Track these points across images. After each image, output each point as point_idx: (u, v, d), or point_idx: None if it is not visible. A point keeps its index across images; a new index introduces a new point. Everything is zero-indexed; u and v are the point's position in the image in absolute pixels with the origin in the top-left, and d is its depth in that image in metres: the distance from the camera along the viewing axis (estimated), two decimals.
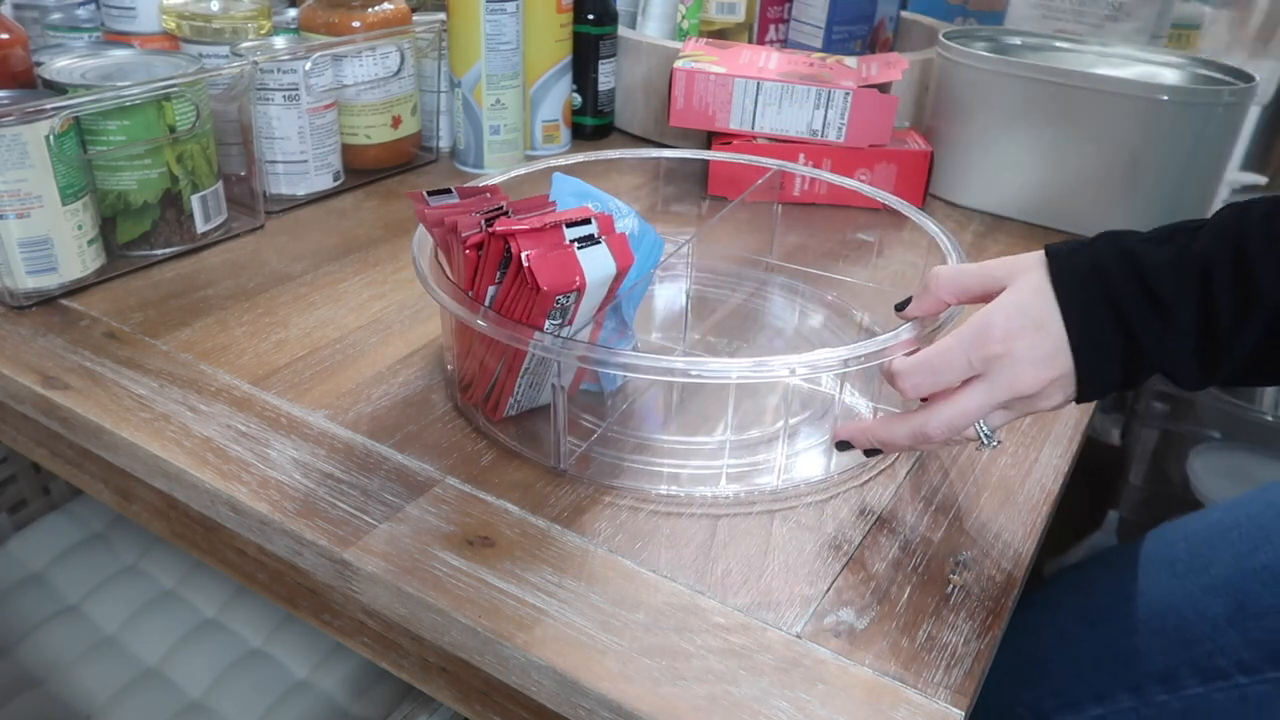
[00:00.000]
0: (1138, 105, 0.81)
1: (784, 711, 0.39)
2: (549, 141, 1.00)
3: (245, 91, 0.75)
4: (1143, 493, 1.18)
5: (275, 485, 0.50)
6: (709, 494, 0.51)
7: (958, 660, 0.42)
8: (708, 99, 0.87)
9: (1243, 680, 0.55)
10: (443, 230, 0.52)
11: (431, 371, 0.60)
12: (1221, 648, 0.56)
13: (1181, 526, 0.66)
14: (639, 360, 0.47)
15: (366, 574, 0.45)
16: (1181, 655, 0.58)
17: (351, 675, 0.78)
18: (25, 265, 0.63)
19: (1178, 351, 0.43)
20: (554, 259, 0.47)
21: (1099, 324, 0.44)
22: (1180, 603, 0.59)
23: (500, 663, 0.42)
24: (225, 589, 0.86)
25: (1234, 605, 0.57)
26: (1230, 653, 0.56)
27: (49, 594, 0.86)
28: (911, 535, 0.49)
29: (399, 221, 0.82)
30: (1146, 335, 0.43)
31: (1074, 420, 0.60)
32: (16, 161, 0.60)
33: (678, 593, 0.45)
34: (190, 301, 0.67)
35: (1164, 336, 0.43)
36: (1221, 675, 0.56)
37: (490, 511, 0.49)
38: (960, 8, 1.21)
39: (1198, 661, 0.57)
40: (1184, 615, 0.59)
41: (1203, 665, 0.56)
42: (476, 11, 0.87)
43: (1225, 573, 0.59)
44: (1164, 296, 0.42)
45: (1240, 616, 0.56)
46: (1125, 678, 0.59)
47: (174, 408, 0.55)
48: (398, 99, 0.88)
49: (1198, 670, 0.57)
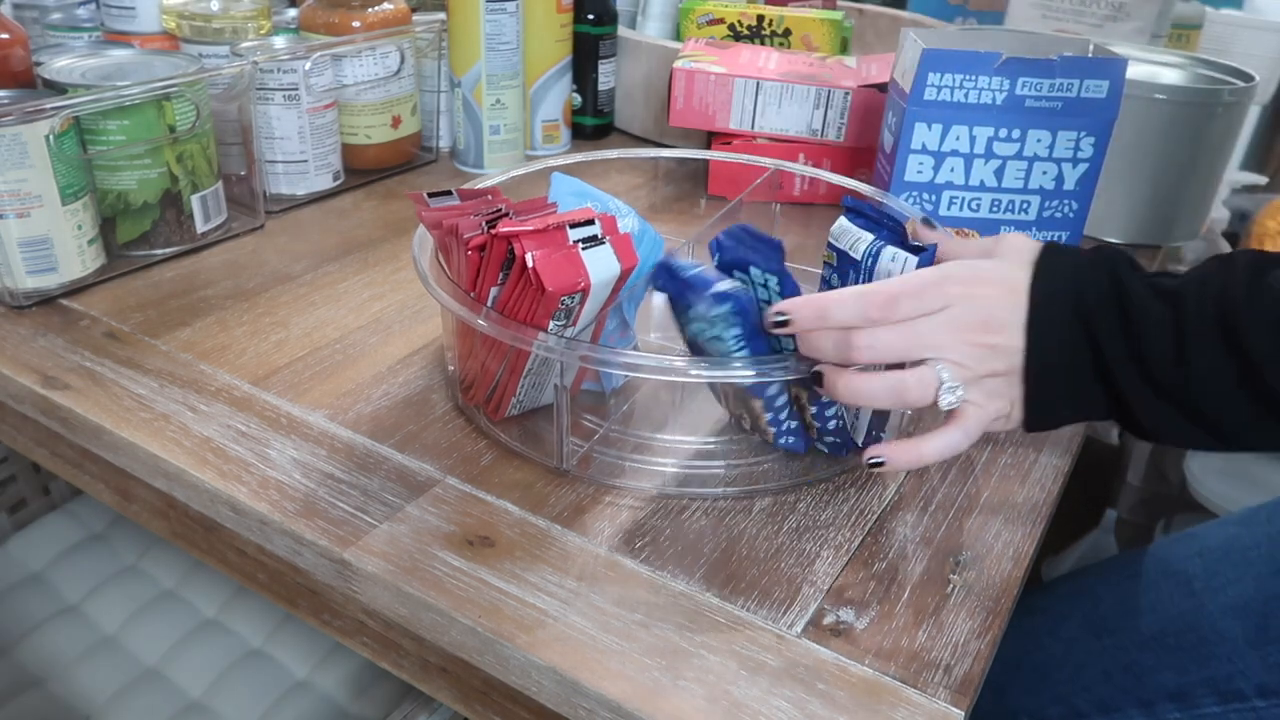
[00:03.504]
0: (1138, 105, 0.81)
1: (784, 711, 0.39)
2: (549, 141, 1.00)
3: (245, 91, 0.75)
4: (1141, 492, 1.18)
5: (275, 485, 0.50)
6: (709, 494, 0.51)
7: (958, 660, 0.42)
8: (708, 99, 0.87)
9: (1260, 704, 0.54)
10: (442, 232, 0.52)
11: (432, 371, 0.60)
12: (1241, 670, 0.55)
13: (1194, 540, 0.65)
14: (641, 360, 0.47)
15: (366, 574, 0.45)
16: (1197, 674, 0.57)
17: (351, 675, 0.79)
18: (25, 265, 0.63)
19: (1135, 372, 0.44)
20: (558, 260, 0.47)
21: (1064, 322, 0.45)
22: (1197, 620, 0.59)
23: (500, 663, 0.42)
24: (225, 589, 0.86)
25: (1255, 628, 0.56)
26: (1251, 675, 0.55)
27: (49, 594, 0.86)
28: (911, 535, 0.49)
29: (399, 221, 0.82)
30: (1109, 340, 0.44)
31: None
32: (16, 161, 0.60)
33: (678, 592, 0.45)
34: (190, 301, 0.67)
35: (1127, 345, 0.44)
36: (1239, 697, 0.55)
37: (490, 511, 0.49)
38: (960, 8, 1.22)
39: (1216, 682, 0.56)
40: (1201, 634, 0.58)
41: (1221, 686, 0.56)
42: (476, 11, 0.87)
43: (1246, 594, 0.58)
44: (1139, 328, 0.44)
45: (1262, 639, 0.56)
46: (1135, 692, 0.59)
47: (174, 408, 0.55)
48: (398, 99, 0.89)
49: (1215, 690, 0.56)
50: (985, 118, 0.68)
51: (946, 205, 0.72)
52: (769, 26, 1.03)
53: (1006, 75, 0.66)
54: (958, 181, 0.71)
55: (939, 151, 0.70)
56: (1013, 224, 0.73)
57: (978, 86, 0.67)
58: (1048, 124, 0.68)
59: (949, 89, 0.67)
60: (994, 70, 0.66)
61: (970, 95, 0.67)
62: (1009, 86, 0.67)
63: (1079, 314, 0.45)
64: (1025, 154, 0.69)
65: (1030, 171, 0.70)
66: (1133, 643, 0.61)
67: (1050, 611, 0.67)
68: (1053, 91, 0.67)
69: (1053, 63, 0.66)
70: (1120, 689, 0.59)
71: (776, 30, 1.03)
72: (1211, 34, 1.29)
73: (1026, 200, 0.71)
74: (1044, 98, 0.67)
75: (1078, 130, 0.68)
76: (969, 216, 0.72)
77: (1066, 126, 0.68)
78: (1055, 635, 0.65)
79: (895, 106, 0.72)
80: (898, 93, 0.72)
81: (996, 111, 0.68)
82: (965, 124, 0.68)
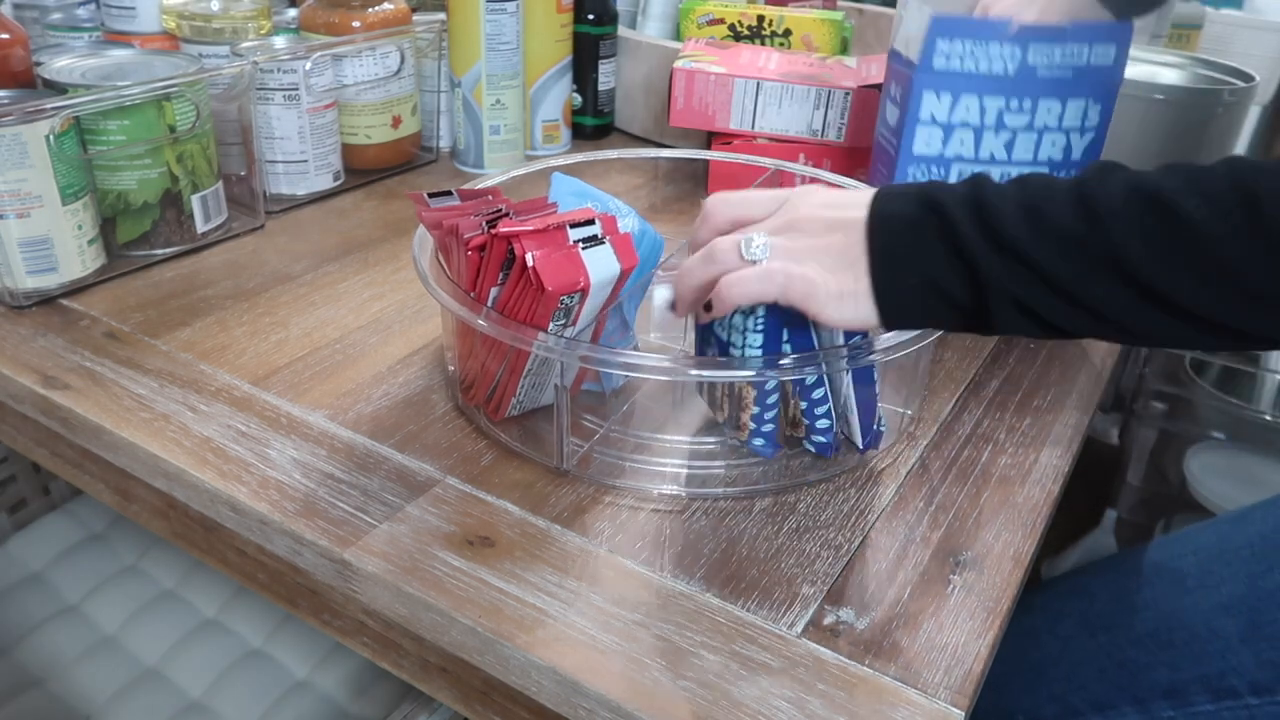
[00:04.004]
0: (1138, 105, 0.81)
1: (784, 711, 0.39)
2: (549, 141, 1.00)
3: (245, 91, 0.75)
4: (1141, 492, 1.18)
5: (275, 485, 0.50)
6: (709, 494, 0.51)
7: (958, 660, 0.42)
8: (708, 99, 0.87)
9: (1253, 701, 0.54)
10: (442, 232, 0.52)
11: (432, 371, 0.60)
12: (1234, 667, 0.56)
13: (1188, 539, 0.65)
14: (641, 360, 0.47)
15: (366, 574, 0.45)
16: (1191, 671, 0.57)
17: (351, 675, 0.79)
18: (25, 265, 0.63)
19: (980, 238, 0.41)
20: (558, 260, 0.47)
21: (906, 195, 0.44)
22: (1190, 618, 0.59)
23: (500, 663, 0.42)
24: (225, 589, 0.86)
25: (1248, 625, 0.56)
26: (1243, 672, 0.55)
27: (49, 594, 0.86)
28: (911, 535, 0.49)
29: (399, 221, 0.82)
30: (955, 205, 0.42)
31: (1074, 420, 0.60)
32: (16, 161, 0.60)
33: (678, 592, 0.45)
34: (190, 301, 0.67)
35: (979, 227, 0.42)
36: (1232, 694, 0.55)
37: (490, 511, 0.49)
38: None
39: (1209, 679, 0.56)
40: (1194, 631, 0.58)
41: (1214, 683, 0.56)
42: (476, 11, 0.87)
43: (1239, 591, 0.58)
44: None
45: (1254, 637, 0.56)
46: (1129, 689, 0.59)
47: (174, 408, 0.55)
48: (398, 99, 0.89)
49: (1209, 688, 0.56)
50: (996, 88, 0.65)
51: (955, 178, 0.69)
52: (769, 27, 1.03)
53: (1019, 43, 0.64)
54: (967, 155, 0.68)
55: (948, 123, 0.67)
56: None
57: (989, 55, 0.64)
58: (1058, 93, 0.66)
59: (959, 57, 0.64)
60: (1007, 37, 0.64)
61: (981, 64, 0.64)
62: (1021, 55, 0.64)
63: (923, 195, 0.43)
64: (1035, 125, 0.67)
65: (1040, 143, 0.67)
66: (1127, 641, 0.61)
67: (1047, 610, 0.67)
68: (1064, 59, 0.64)
69: (1064, 29, 0.64)
70: (1115, 687, 0.60)
71: (776, 30, 1.03)
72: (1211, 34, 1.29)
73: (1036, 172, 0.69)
74: (1055, 66, 0.64)
75: (1085, 98, 0.66)
76: None
77: (1076, 95, 0.66)
78: (1052, 633, 0.65)
79: (899, 76, 0.69)
80: (901, 62, 0.68)
81: (1008, 82, 0.65)
82: (975, 94, 0.66)
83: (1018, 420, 0.59)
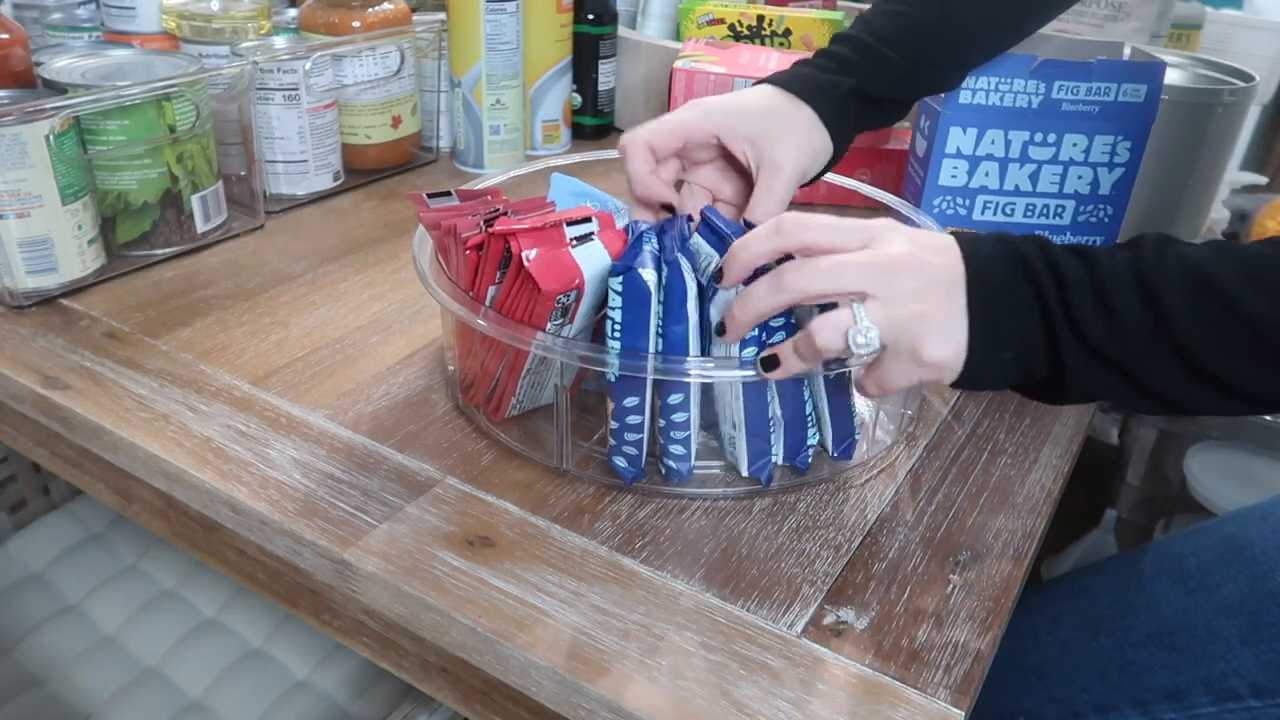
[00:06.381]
0: None
1: (784, 711, 0.39)
2: (549, 141, 1.00)
3: (245, 91, 0.75)
4: (1140, 492, 1.18)
5: (275, 485, 0.50)
6: (709, 494, 0.51)
7: (958, 660, 0.42)
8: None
9: (1255, 703, 0.54)
10: (440, 232, 0.52)
11: (432, 371, 0.60)
12: (1235, 669, 0.55)
13: (1189, 541, 0.65)
14: (641, 360, 0.47)
15: (366, 574, 0.45)
16: (1192, 673, 0.57)
17: (351, 675, 0.79)
18: (25, 265, 0.63)
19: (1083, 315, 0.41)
20: (553, 259, 0.47)
21: (1006, 277, 0.43)
22: (1191, 620, 0.59)
23: (500, 663, 0.42)
24: (225, 589, 0.86)
25: (1249, 627, 0.56)
26: (1245, 674, 0.55)
27: (49, 594, 0.86)
28: (911, 535, 0.49)
29: (399, 221, 0.82)
30: (1044, 274, 0.42)
31: (1074, 420, 0.60)
32: (16, 161, 0.60)
33: (678, 593, 0.45)
34: (190, 301, 0.67)
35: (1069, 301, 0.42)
36: (1234, 696, 0.55)
37: (490, 511, 0.49)
38: None
39: (1210, 681, 0.56)
40: (1195, 633, 0.58)
41: (1215, 685, 0.56)
42: (476, 11, 0.87)
43: (1240, 593, 0.58)
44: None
45: (1256, 639, 0.56)
46: (1130, 691, 0.59)
47: (174, 408, 0.55)
48: (398, 99, 0.89)
49: (1210, 690, 0.56)
50: (1021, 121, 0.67)
51: (980, 210, 0.71)
52: (769, 27, 1.03)
53: (1042, 78, 0.65)
54: (992, 186, 0.70)
55: (973, 156, 0.69)
56: (1047, 228, 0.72)
57: (1013, 90, 0.66)
58: (1084, 128, 0.67)
59: (984, 92, 0.66)
60: (1029, 73, 0.65)
61: (1005, 99, 0.66)
62: (1045, 90, 0.66)
63: (1011, 251, 0.43)
64: (1061, 158, 0.68)
65: (1065, 176, 0.69)
66: (1128, 642, 0.61)
67: (1047, 611, 0.67)
68: (1090, 95, 0.66)
69: (1090, 66, 0.65)
70: (1116, 688, 0.60)
71: (776, 30, 1.03)
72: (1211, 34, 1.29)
73: (1061, 205, 0.71)
74: (1080, 101, 0.66)
75: (1114, 134, 0.67)
76: (1002, 221, 0.72)
77: (1103, 130, 0.67)
78: (1053, 635, 0.65)
79: (928, 110, 0.71)
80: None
81: (1032, 115, 0.67)
82: (1000, 128, 0.68)
83: (1017, 420, 0.59)
